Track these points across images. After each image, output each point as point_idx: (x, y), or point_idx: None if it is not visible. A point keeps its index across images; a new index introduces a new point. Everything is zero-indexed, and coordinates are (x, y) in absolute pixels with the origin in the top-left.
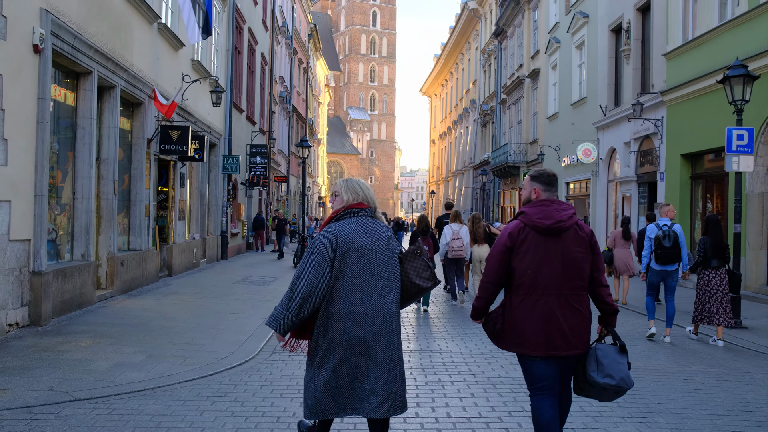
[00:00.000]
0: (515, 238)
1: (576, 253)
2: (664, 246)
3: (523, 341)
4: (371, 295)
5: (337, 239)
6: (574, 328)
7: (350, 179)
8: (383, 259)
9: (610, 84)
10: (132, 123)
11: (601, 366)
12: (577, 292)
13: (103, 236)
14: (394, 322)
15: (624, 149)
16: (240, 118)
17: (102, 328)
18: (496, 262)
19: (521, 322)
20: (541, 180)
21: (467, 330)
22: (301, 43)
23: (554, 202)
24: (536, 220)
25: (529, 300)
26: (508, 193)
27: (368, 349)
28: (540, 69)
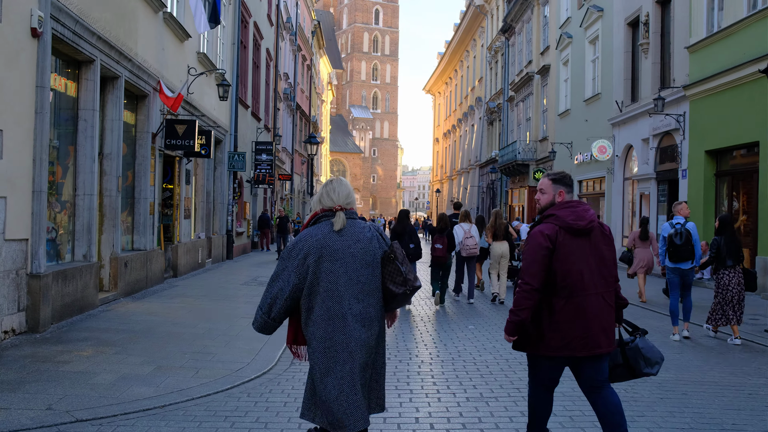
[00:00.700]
0: (554, 240)
1: (605, 251)
2: (675, 244)
3: (569, 343)
4: (349, 299)
5: (308, 245)
6: (612, 325)
7: (329, 181)
8: (361, 263)
9: (627, 79)
10: (136, 116)
11: (648, 360)
12: (610, 289)
13: (106, 235)
14: (374, 326)
15: (642, 146)
16: (245, 114)
17: (105, 334)
18: (539, 266)
19: (566, 325)
20: (565, 182)
21: (496, 336)
22: (305, 39)
23: (579, 203)
24: (571, 221)
25: (573, 302)
26: (516, 192)
27: (351, 355)
28: (550, 65)
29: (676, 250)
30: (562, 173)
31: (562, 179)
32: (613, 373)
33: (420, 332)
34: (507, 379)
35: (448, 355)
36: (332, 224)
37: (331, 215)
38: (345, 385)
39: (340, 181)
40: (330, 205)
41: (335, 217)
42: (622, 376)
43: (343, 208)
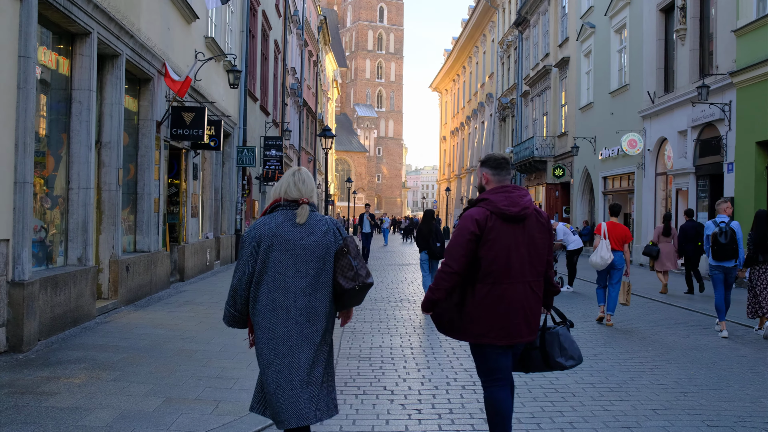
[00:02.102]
0: (483, 226)
1: (539, 239)
2: (720, 242)
3: (489, 331)
4: (295, 291)
5: (260, 233)
6: (535, 314)
7: (296, 171)
8: (312, 256)
9: (659, 68)
10: (139, 102)
11: (564, 350)
12: (539, 278)
13: (105, 235)
14: (320, 321)
15: (678, 139)
16: (254, 107)
17: (102, 353)
18: (463, 250)
19: (487, 312)
20: (489, 165)
21: None
22: (312, 35)
23: (515, 188)
24: (503, 207)
25: (497, 289)
26: (533, 190)
27: (291, 349)
28: (570, 57)
29: (721, 248)
30: (490, 155)
31: (485, 162)
32: (528, 356)
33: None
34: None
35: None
36: (289, 215)
37: (292, 206)
38: (282, 380)
39: (307, 173)
40: (296, 196)
41: (300, 210)
42: (535, 362)
43: (307, 201)
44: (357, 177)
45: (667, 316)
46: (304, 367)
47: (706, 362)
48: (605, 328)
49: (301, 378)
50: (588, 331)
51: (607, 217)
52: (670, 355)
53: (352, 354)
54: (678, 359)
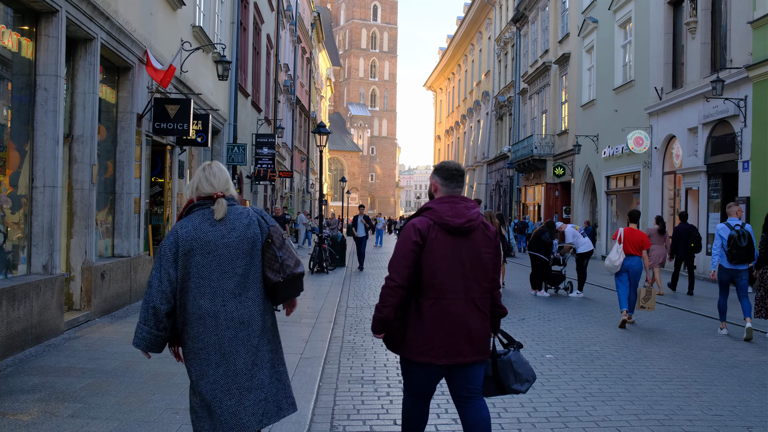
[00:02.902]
0: (425, 236)
1: (485, 254)
2: (740, 246)
3: (430, 349)
4: (223, 295)
5: (177, 239)
6: (481, 334)
7: (206, 165)
8: (236, 253)
9: (667, 63)
10: (117, 93)
11: (518, 376)
12: (484, 294)
13: (77, 239)
14: (255, 321)
15: (688, 136)
16: (245, 103)
17: (64, 379)
18: (405, 261)
19: (430, 329)
20: (442, 174)
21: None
22: (305, 31)
23: (462, 199)
24: (447, 218)
25: (440, 304)
26: (531, 189)
27: (225, 357)
28: (570, 53)
29: (740, 252)
30: (444, 163)
31: (438, 170)
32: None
33: None
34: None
35: None
36: (206, 214)
37: (207, 203)
38: (218, 390)
39: (219, 166)
40: (209, 191)
41: (216, 205)
42: (489, 391)
43: (223, 195)
44: (350, 177)
45: (689, 324)
46: (243, 374)
47: (755, 383)
48: (631, 340)
49: (241, 385)
50: (613, 344)
51: (610, 218)
52: (711, 374)
53: (354, 376)
54: (723, 380)
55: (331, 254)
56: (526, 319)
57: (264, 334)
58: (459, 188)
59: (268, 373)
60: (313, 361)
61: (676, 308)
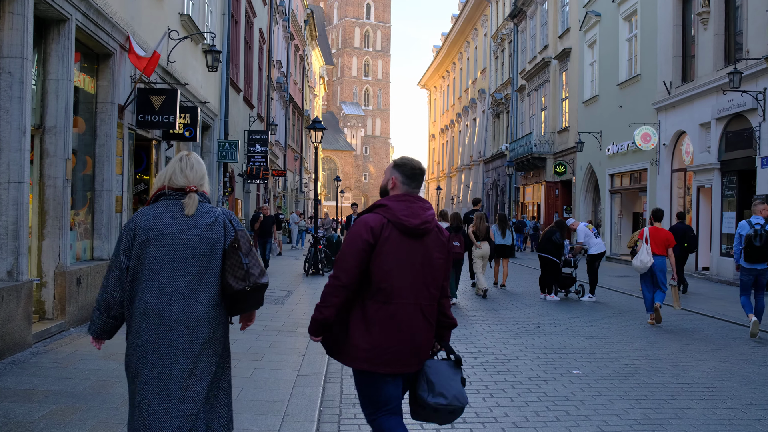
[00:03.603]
0: (377, 235)
1: (438, 259)
2: (753, 245)
3: (376, 356)
4: (171, 293)
5: (135, 226)
6: (426, 342)
7: (183, 156)
8: (193, 252)
9: (676, 56)
10: (97, 82)
11: (431, 385)
12: (432, 302)
13: (49, 241)
14: (202, 328)
15: (700, 132)
16: (237, 98)
17: (23, 405)
18: (353, 260)
19: (377, 335)
20: (404, 171)
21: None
22: (298, 28)
23: (418, 199)
24: (402, 217)
25: (387, 309)
26: (530, 188)
27: (161, 358)
28: (571, 48)
29: (754, 251)
30: (408, 160)
31: (402, 166)
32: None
33: None
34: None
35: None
36: (171, 205)
37: (177, 195)
38: (149, 392)
39: (197, 158)
40: (182, 183)
41: (187, 199)
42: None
43: (196, 190)
44: (344, 176)
45: (716, 331)
46: (177, 381)
47: None
48: (662, 352)
49: (172, 393)
50: (644, 356)
51: (614, 217)
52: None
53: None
54: None
55: (326, 255)
56: (541, 327)
57: (210, 343)
58: (418, 189)
59: (207, 387)
60: (312, 379)
61: (688, 311)
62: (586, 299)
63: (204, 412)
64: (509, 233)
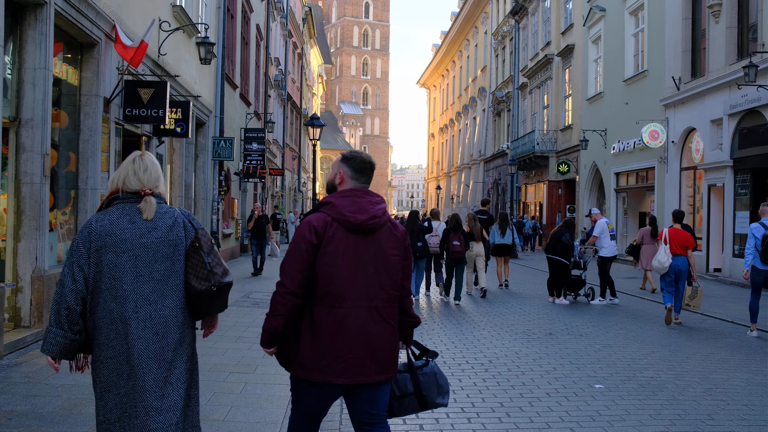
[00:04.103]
0: (321, 235)
1: (392, 256)
2: None
3: (326, 365)
4: (136, 300)
5: (90, 233)
6: (386, 349)
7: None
8: (155, 256)
9: (686, 51)
10: (81, 73)
11: (441, 388)
12: (391, 303)
13: (26, 243)
14: (171, 334)
15: (711, 128)
16: (233, 95)
17: None
18: (298, 264)
19: (325, 342)
20: (353, 164)
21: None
22: (296, 25)
23: (366, 193)
24: (347, 213)
25: (336, 314)
26: (532, 187)
27: (133, 369)
28: (575, 45)
29: None
30: (356, 153)
31: (350, 159)
32: (400, 404)
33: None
34: None
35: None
36: (126, 209)
37: (131, 199)
38: (128, 405)
39: (151, 159)
40: (136, 187)
41: (143, 204)
42: (410, 408)
43: (152, 193)
44: None
45: (739, 339)
46: (153, 391)
47: None
48: (687, 362)
49: (148, 404)
50: (669, 368)
51: (620, 217)
52: None
53: None
54: None
55: None
56: (554, 333)
57: (181, 349)
58: (368, 183)
59: (183, 395)
60: None
61: (706, 315)
62: (596, 303)
63: (182, 421)
64: (509, 232)
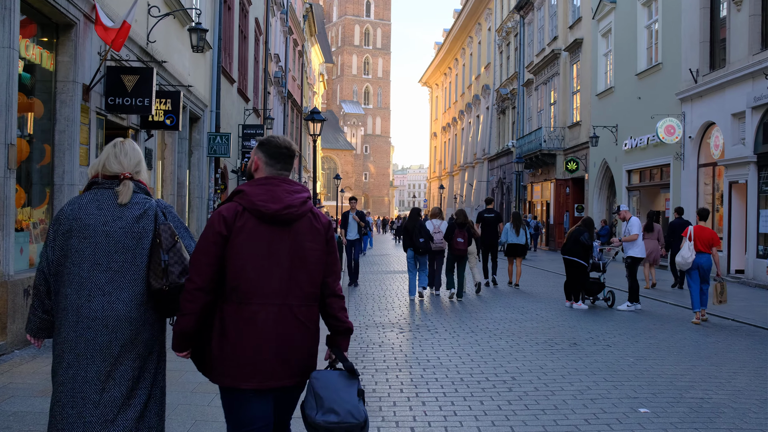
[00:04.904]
0: (231, 225)
1: (310, 250)
2: None
3: (235, 369)
4: (90, 288)
5: (60, 215)
6: (301, 350)
7: (118, 142)
8: (116, 246)
9: (704, 42)
10: (56, 57)
11: (320, 400)
12: (307, 302)
13: None
14: (122, 329)
15: (732, 123)
16: (230, 90)
17: None
18: (207, 258)
19: (233, 343)
20: (267, 150)
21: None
22: (297, 22)
23: (284, 181)
24: (259, 203)
25: (245, 311)
26: (538, 186)
27: (78, 358)
28: (583, 39)
29: None
30: (272, 138)
31: (263, 144)
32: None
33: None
34: None
35: None
36: (99, 194)
37: (107, 184)
38: (63, 394)
39: (132, 145)
40: (116, 170)
41: (121, 186)
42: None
43: (131, 177)
44: (344, 175)
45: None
46: (93, 383)
47: None
48: (738, 377)
49: (86, 395)
50: (718, 386)
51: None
52: None
53: None
54: None
55: None
56: (578, 343)
57: (132, 346)
58: (286, 171)
59: (125, 393)
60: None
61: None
62: (624, 308)
63: (123, 420)
64: (523, 232)
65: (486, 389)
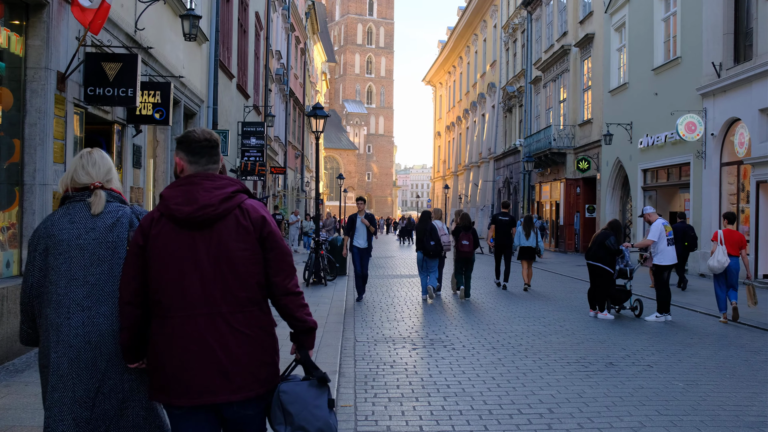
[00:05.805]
0: (147, 234)
1: (236, 251)
2: None
3: (167, 384)
4: (68, 306)
5: (35, 235)
6: (241, 361)
7: (85, 152)
8: (91, 258)
9: (727, 34)
10: (26, 41)
11: (289, 416)
12: (242, 308)
13: None
14: (106, 343)
15: (760, 118)
16: (229, 85)
17: None
18: (130, 270)
19: (162, 359)
20: (186, 147)
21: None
22: (299, 19)
23: (207, 177)
24: (173, 206)
25: (168, 325)
26: (547, 186)
27: (62, 380)
28: (595, 34)
29: None
30: (190, 133)
31: (181, 141)
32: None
33: None
34: None
35: None
36: (71, 208)
37: (79, 196)
38: (52, 418)
39: (100, 153)
40: (85, 181)
41: (93, 197)
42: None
43: (102, 186)
44: (347, 175)
45: None
46: (82, 402)
47: None
48: None
49: (77, 415)
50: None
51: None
52: None
53: None
54: None
55: (329, 261)
56: (615, 363)
57: (118, 359)
58: (213, 164)
59: (117, 405)
60: None
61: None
62: (653, 319)
63: (115, 429)
64: (533, 235)
65: (520, 426)
